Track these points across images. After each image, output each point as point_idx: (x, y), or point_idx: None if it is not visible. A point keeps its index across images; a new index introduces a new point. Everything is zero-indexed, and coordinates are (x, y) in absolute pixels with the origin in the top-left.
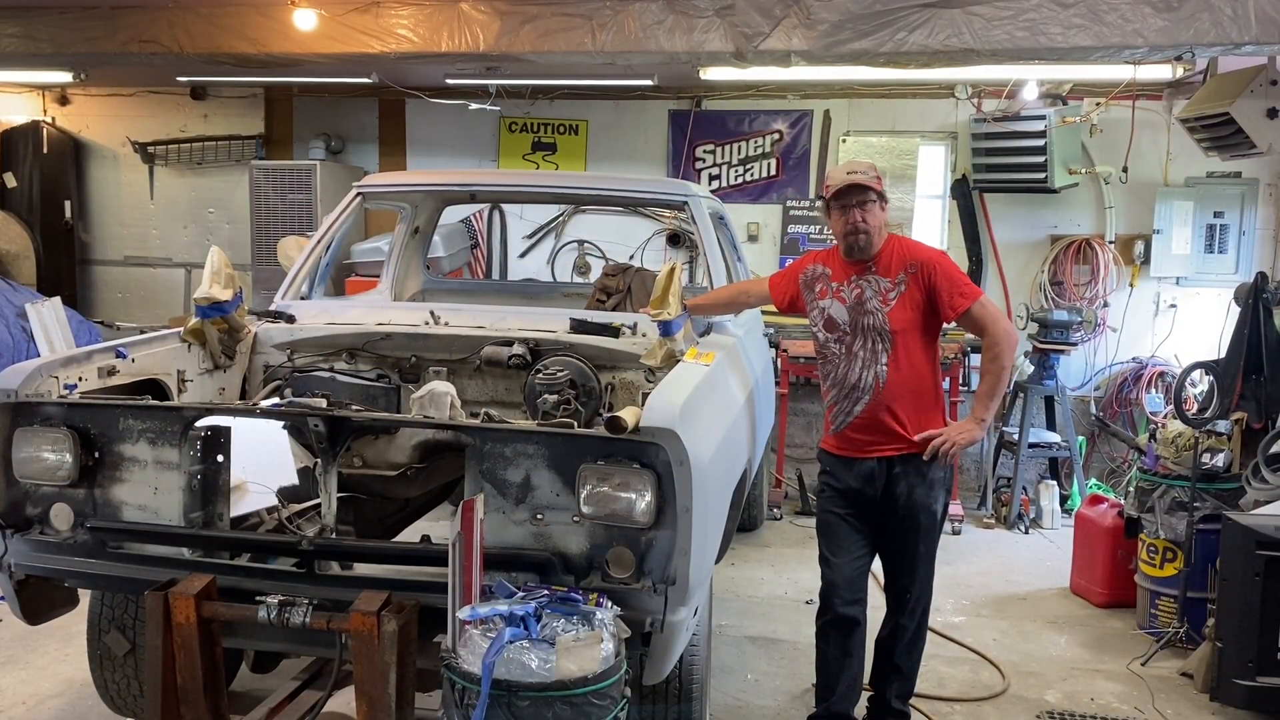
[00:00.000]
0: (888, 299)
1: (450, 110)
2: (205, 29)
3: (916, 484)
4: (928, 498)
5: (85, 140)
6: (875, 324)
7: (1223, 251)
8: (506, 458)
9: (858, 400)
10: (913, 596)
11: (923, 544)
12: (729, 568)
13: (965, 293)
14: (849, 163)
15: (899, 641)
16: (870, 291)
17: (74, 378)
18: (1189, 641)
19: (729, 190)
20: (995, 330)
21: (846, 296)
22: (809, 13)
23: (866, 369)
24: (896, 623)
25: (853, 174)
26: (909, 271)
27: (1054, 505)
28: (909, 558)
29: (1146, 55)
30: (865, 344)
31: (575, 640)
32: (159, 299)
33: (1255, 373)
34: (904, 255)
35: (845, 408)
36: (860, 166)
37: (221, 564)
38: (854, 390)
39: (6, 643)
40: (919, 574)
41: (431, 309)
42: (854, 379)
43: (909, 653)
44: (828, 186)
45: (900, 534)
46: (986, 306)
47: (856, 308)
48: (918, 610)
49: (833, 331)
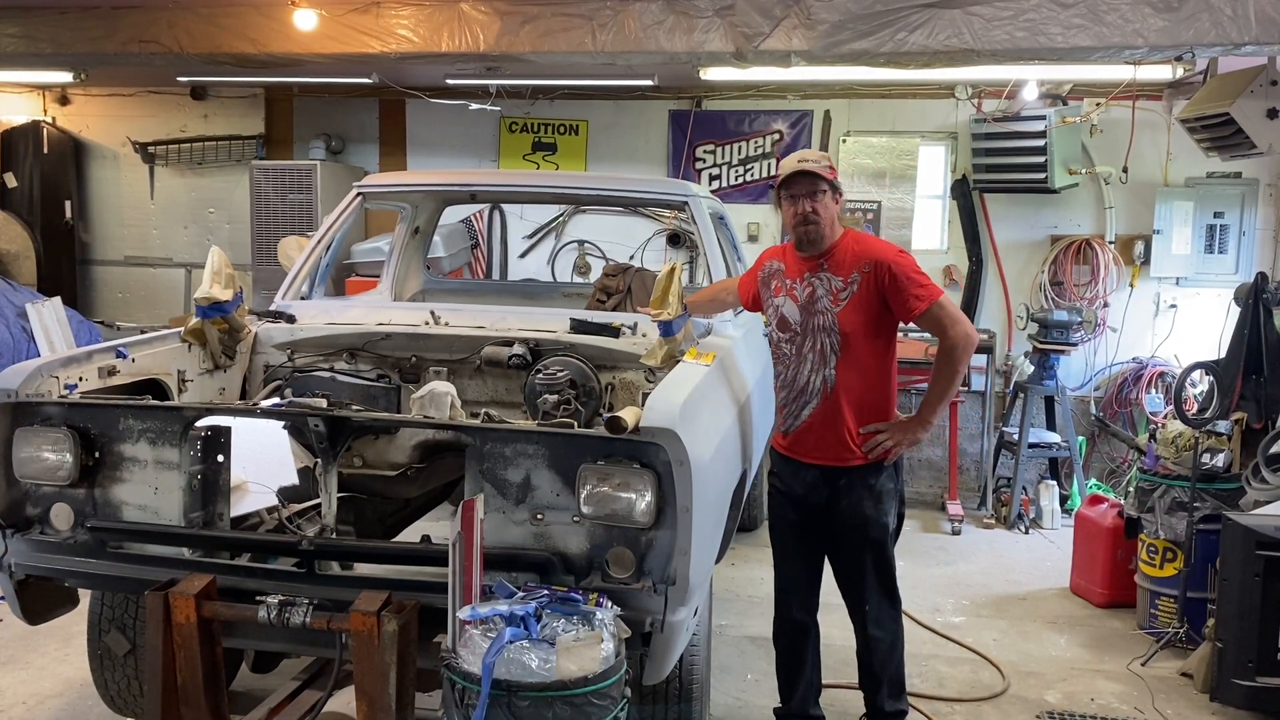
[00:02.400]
0: (839, 299)
1: (450, 110)
2: (205, 29)
3: (864, 496)
4: (876, 510)
5: (85, 140)
6: (825, 324)
7: (1223, 252)
8: (506, 458)
9: (805, 404)
10: (870, 611)
11: (873, 556)
12: (729, 568)
13: (922, 293)
14: (801, 152)
15: (874, 654)
16: (822, 290)
17: (74, 378)
18: (1189, 641)
19: (729, 190)
20: (954, 333)
21: (799, 295)
22: (809, 13)
23: (815, 372)
24: (867, 635)
25: (803, 162)
26: (863, 271)
27: (1054, 505)
28: (860, 572)
29: (1146, 55)
30: (815, 345)
31: (575, 640)
32: (159, 299)
33: (1255, 373)
34: (859, 253)
35: (794, 410)
36: (812, 155)
37: (222, 564)
38: (802, 394)
39: (6, 643)
40: (871, 588)
41: (432, 309)
42: (802, 382)
43: (887, 662)
44: (777, 175)
45: (849, 548)
46: (945, 308)
47: (808, 307)
48: (886, 621)
49: (785, 331)
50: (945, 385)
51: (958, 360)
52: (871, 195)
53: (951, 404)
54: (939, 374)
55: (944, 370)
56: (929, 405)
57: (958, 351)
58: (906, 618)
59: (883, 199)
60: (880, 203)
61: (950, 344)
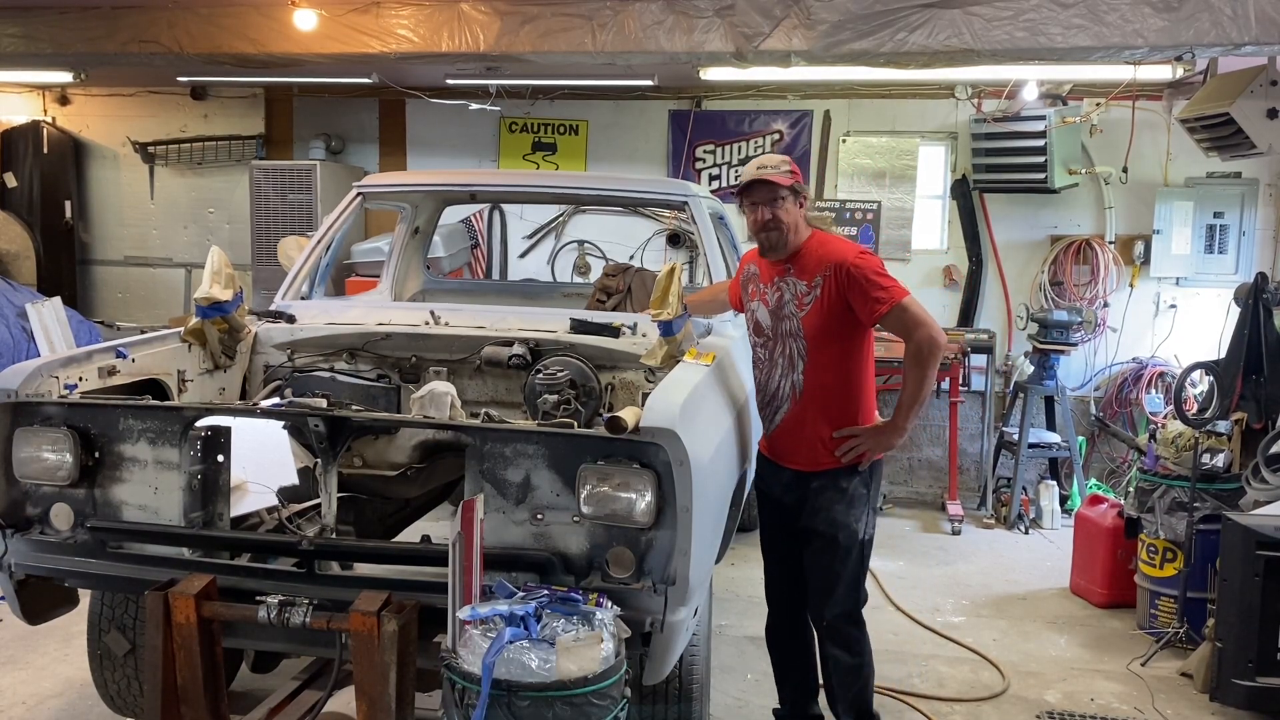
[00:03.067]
0: (803, 303)
1: (450, 110)
2: (205, 29)
3: (835, 499)
4: (847, 515)
5: (85, 140)
6: (791, 329)
7: (1223, 252)
8: (506, 458)
9: (777, 409)
10: (830, 622)
11: (840, 565)
12: (729, 568)
13: (883, 295)
14: (762, 158)
15: (835, 674)
16: (789, 295)
17: (74, 378)
18: (1189, 641)
19: (729, 190)
20: (918, 336)
21: (770, 299)
22: (809, 13)
23: (785, 377)
24: (827, 653)
25: (761, 169)
26: (824, 275)
27: (1054, 505)
28: (826, 579)
29: (1146, 55)
30: (784, 350)
31: (575, 640)
32: (159, 299)
33: (1255, 373)
34: (821, 256)
35: (768, 415)
36: (772, 161)
37: (221, 564)
38: (774, 398)
39: (6, 643)
40: (836, 598)
41: (432, 309)
42: (774, 386)
43: (848, 684)
44: (738, 182)
45: (818, 552)
46: (909, 310)
47: (777, 312)
48: (849, 641)
49: (759, 336)
50: (915, 389)
51: (925, 364)
52: (871, 195)
53: (952, 404)
54: (907, 378)
55: (912, 374)
56: (900, 410)
57: (923, 354)
58: (907, 617)
59: (882, 199)
60: (880, 203)
61: (915, 347)
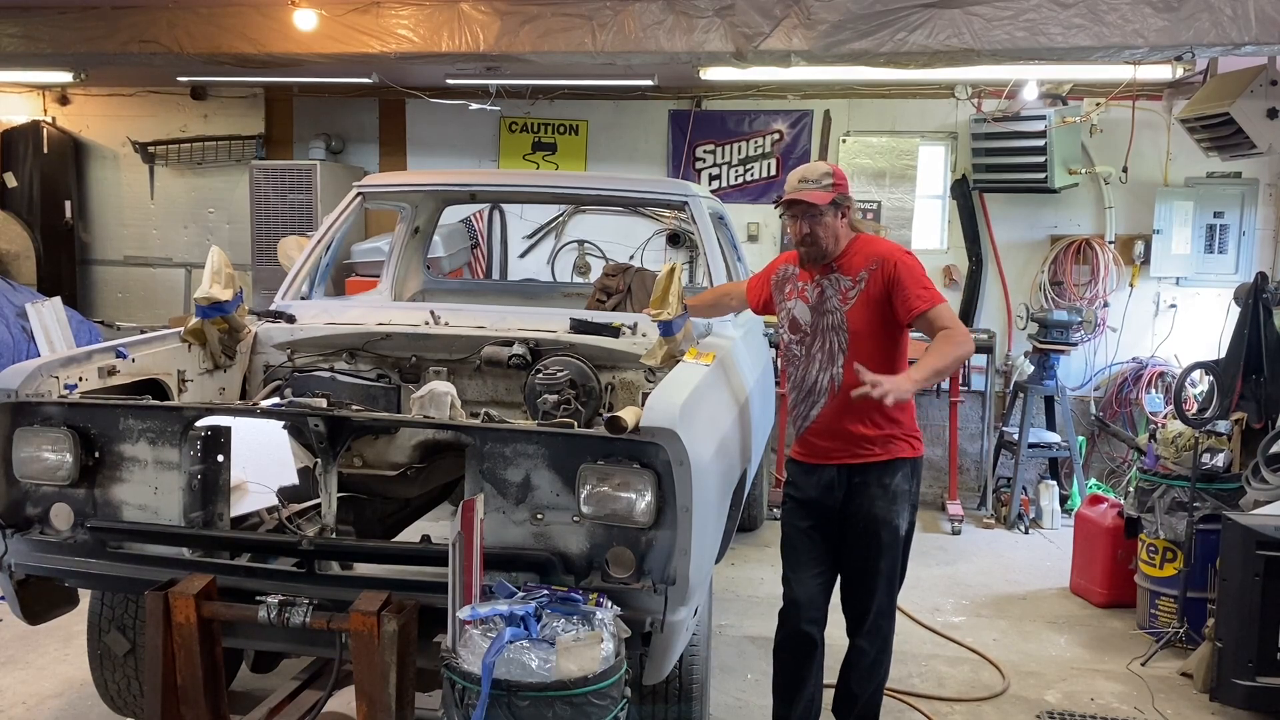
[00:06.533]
0: (847, 298)
1: (450, 110)
2: (205, 29)
3: (878, 495)
4: (889, 511)
5: (85, 140)
6: (834, 323)
7: (1223, 252)
8: (506, 458)
9: (814, 404)
10: (871, 617)
11: (883, 561)
12: (729, 568)
13: (925, 295)
14: (804, 169)
15: (856, 667)
16: (831, 290)
17: (74, 378)
18: (1189, 641)
19: (729, 190)
20: (955, 325)
21: (810, 296)
22: (809, 13)
23: (823, 371)
24: (854, 644)
25: (803, 183)
26: (870, 269)
27: (1054, 505)
28: (868, 575)
29: (1146, 55)
30: (824, 345)
31: (575, 640)
32: (159, 299)
33: (1255, 373)
34: (868, 254)
35: (803, 411)
36: (813, 175)
37: (221, 564)
38: (810, 393)
39: (6, 643)
40: (878, 593)
41: (432, 309)
42: (810, 381)
43: (866, 679)
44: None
45: (860, 549)
46: (943, 312)
47: (818, 307)
48: (877, 635)
49: (796, 333)
50: (941, 356)
51: (958, 345)
52: (871, 195)
53: (952, 404)
54: (938, 344)
55: (944, 347)
56: (920, 366)
57: (958, 338)
58: (906, 617)
59: (883, 199)
60: (880, 203)
61: (951, 332)
